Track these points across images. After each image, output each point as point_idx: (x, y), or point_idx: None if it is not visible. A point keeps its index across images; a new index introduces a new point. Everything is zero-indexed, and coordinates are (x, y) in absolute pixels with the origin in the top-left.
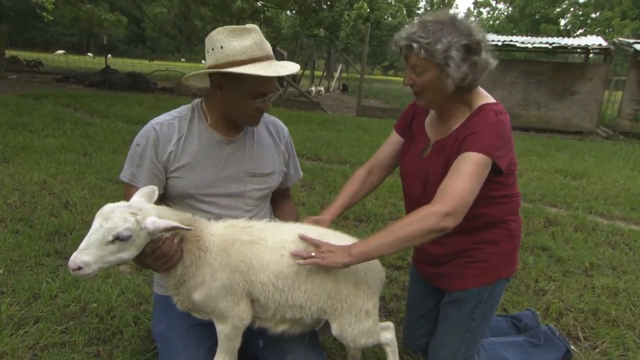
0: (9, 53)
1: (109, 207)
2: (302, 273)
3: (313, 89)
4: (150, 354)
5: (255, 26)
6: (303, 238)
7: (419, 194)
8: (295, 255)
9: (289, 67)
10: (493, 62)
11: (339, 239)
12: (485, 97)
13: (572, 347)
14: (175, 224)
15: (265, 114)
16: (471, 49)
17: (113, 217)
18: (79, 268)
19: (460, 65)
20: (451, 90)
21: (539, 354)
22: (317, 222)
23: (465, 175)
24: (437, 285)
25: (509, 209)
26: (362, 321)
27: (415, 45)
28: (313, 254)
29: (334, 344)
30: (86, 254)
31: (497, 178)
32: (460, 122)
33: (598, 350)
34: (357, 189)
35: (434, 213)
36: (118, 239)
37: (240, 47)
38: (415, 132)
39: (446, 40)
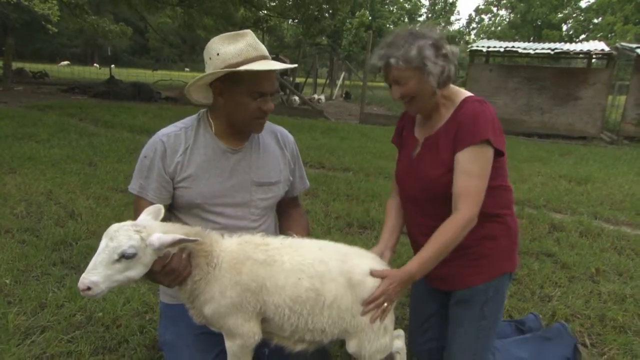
0: (15, 65)
1: (114, 227)
2: (325, 299)
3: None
4: None
5: (248, 30)
6: (373, 274)
7: (418, 192)
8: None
9: (283, 63)
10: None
11: (362, 256)
12: (464, 93)
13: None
14: (181, 236)
15: (271, 124)
16: (437, 45)
17: (118, 236)
18: (89, 288)
19: (436, 61)
20: (434, 86)
21: (552, 347)
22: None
23: (476, 176)
24: (441, 288)
25: (502, 201)
26: (380, 338)
27: (392, 60)
28: (385, 304)
29: (339, 351)
30: (94, 274)
31: (494, 163)
32: (446, 117)
33: (605, 357)
34: (397, 218)
35: (462, 219)
36: (124, 257)
37: (234, 50)
38: (406, 139)
39: (415, 46)
